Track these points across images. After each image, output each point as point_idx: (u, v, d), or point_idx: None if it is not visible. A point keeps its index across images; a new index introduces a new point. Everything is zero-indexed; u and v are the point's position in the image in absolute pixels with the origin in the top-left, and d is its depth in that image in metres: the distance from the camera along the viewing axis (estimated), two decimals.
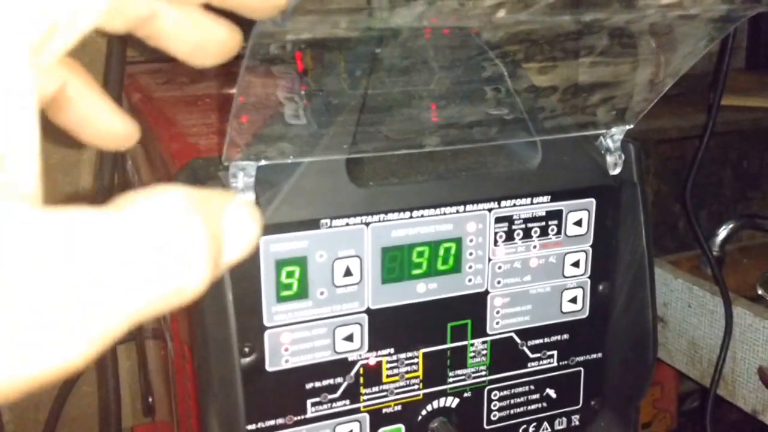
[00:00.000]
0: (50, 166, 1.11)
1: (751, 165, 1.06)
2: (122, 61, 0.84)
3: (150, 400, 1.03)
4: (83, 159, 1.12)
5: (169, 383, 0.75)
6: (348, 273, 0.51)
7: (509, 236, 0.54)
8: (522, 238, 0.55)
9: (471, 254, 0.54)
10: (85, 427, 1.17)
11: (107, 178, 0.84)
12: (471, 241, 0.53)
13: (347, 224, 0.50)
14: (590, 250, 0.57)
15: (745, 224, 0.97)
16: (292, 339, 0.51)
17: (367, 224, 0.50)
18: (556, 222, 0.55)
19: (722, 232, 0.98)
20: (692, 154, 0.97)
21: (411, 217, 0.51)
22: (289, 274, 0.50)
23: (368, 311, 0.52)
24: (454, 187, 0.51)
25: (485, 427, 0.57)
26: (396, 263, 0.52)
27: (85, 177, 1.13)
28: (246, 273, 0.48)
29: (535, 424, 0.59)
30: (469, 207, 0.52)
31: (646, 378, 0.57)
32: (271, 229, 0.48)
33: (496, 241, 0.54)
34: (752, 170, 1.07)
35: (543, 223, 0.55)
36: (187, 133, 0.66)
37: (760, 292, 1.03)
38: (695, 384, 1.35)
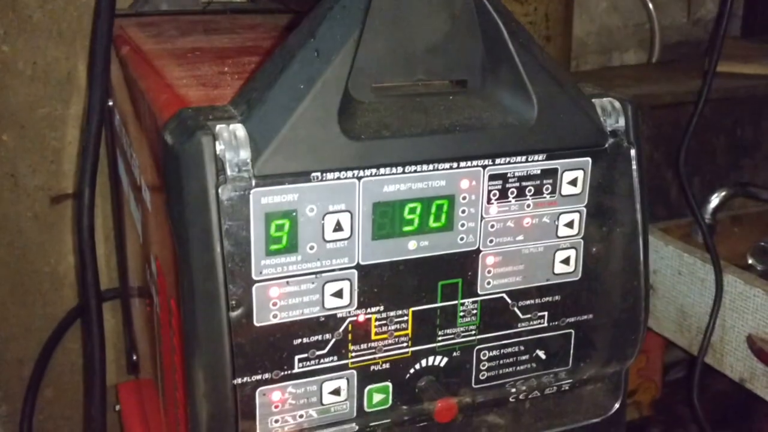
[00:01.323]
0: (36, 122, 1.09)
1: (744, 133, 1.06)
2: (111, 14, 0.82)
3: (134, 357, 1.03)
4: (70, 113, 1.11)
5: (155, 339, 0.74)
6: (338, 228, 0.50)
7: (503, 194, 0.53)
8: (516, 197, 0.54)
9: (464, 212, 0.53)
10: (70, 384, 1.17)
11: (94, 133, 0.82)
12: (464, 198, 0.52)
13: (338, 178, 0.49)
14: (584, 210, 0.56)
15: (737, 192, 0.97)
16: (280, 293, 0.50)
17: (359, 178, 0.49)
18: (550, 181, 0.54)
19: (714, 200, 0.98)
20: (686, 120, 0.96)
21: (403, 172, 0.50)
22: (279, 228, 0.49)
23: (358, 267, 0.51)
24: (448, 142, 0.50)
25: (473, 386, 0.57)
26: (387, 219, 0.51)
27: (72, 132, 1.12)
28: (235, 225, 0.47)
29: (523, 385, 0.58)
30: (462, 163, 0.51)
31: (637, 341, 0.57)
32: (261, 181, 0.47)
33: (489, 199, 0.53)
34: (746, 138, 1.07)
35: (537, 182, 0.54)
36: (176, 85, 0.65)
37: (750, 261, 1.03)
38: (681, 354, 1.36)
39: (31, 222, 1.13)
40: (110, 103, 0.93)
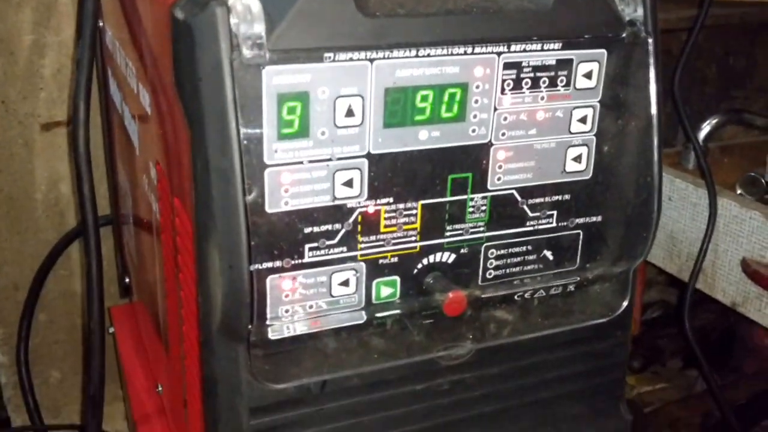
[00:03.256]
0: (25, 48, 1.06)
1: (736, 62, 1.04)
2: None
3: (126, 281, 1.01)
4: (58, 41, 1.07)
5: (150, 256, 0.72)
6: (350, 113, 0.48)
7: (517, 84, 0.51)
8: (530, 88, 0.51)
9: (476, 102, 0.50)
10: (63, 309, 1.16)
11: (89, 44, 0.79)
12: (477, 87, 0.50)
13: (351, 59, 0.46)
14: (598, 106, 0.54)
15: (731, 119, 0.95)
16: (292, 180, 0.47)
17: (372, 60, 0.47)
18: (565, 72, 0.52)
19: (706, 127, 0.96)
20: (678, 48, 0.94)
21: (417, 56, 0.48)
22: (291, 110, 0.46)
23: (369, 156, 0.49)
24: (463, 24, 0.48)
25: (480, 283, 0.55)
26: (399, 106, 0.49)
27: (61, 60, 1.08)
28: (248, 105, 0.45)
29: (530, 284, 0.57)
30: (477, 49, 0.49)
31: (648, 238, 0.55)
32: (274, 56, 0.44)
33: (503, 89, 0.51)
34: (738, 67, 1.04)
35: (552, 73, 0.52)
36: None
37: (739, 191, 1.01)
38: (656, 295, 1.36)
39: (22, 149, 1.10)
40: (101, 24, 0.90)
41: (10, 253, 1.12)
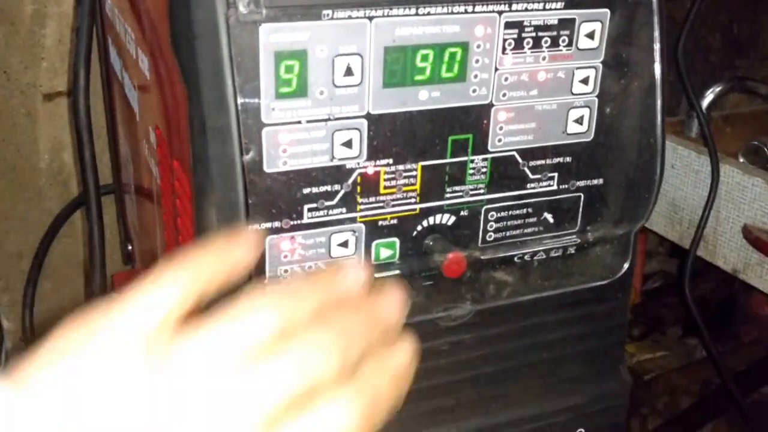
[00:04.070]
0: (26, 18, 1.05)
1: (741, 30, 1.02)
2: None
3: (129, 248, 1.00)
4: (60, 12, 1.06)
5: (154, 216, 0.71)
6: (349, 72, 0.47)
7: (518, 44, 0.50)
8: (531, 48, 0.50)
9: (477, 62, 0.49)
10: (67, 277, 1.16)
11: (88, 11, 0.77)
12: (478, 47, 0.49)
13: (350, 17, 0.45)
14: (601, 66, 0.53)
15: (734, 87, 0.93)
16: (290, 140, 0.47)
17: (371, 18, 0.46)
18: (567, 32, 0.51)
19: (710, 95, 0.94)
20: (682, 16, 0.92)
21: (416, 14, 0.47)
22: (288, 69, 0.45)
23: (368, 116, 0.48)
24: None
25: (479, 245, 0.54)
26: (399, 66, 0.48)
27: (63, 30, 1.07)
28: (244, 63, 0.44)
29: (530, 247, 0.56)
30: (478, 7, 0.48)
31: (650, 200, 0.54)
32: (271, 14, 0.43)
33: (504, 49, 0.50)
34: (742, 36, 1.03)
35: (554, 33, 0.50)
36: None
37: (741, 160, 1.00)
38: (656, 266, 1.35)
39: (25, 119, 1.09)
40: None
41: (15, 221, 1.12)
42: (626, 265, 0.57)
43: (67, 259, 1.15)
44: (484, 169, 0.53)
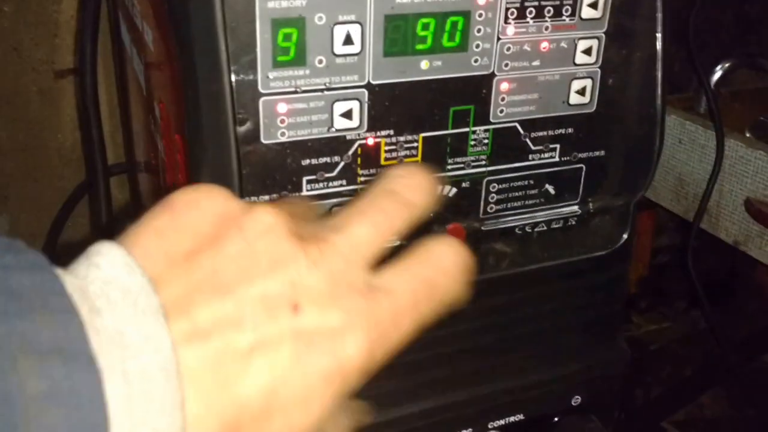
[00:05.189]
0: None
1: (752, 8, 0.99)
2: None
3: None
4: None
5: (162, 193, 0.70)
6: (348, 41, 0.45)
7: (521, 14, 0.48)
8: (534, 18, 0.49)
9: (479, 31, 0.48)
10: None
11: None
12: (480, 16, 0.47)
13: None
14: (603, 37, 0.51)
15: (743, 63, 0.91)
16: (288, 110, 0.45)
17: None
18: (570, 2, 0.49)
19: (718, 71, 0.92)
20: None
21: None
22: (286, 37, 0.44)
23: (368, 86, 0.47)
24: None
25: (480, 217, 0.53)
26: (399, 34, 0.46)
27: (74, 5, 1.05)
28: (240, 29, 0.42)
29: (531, 218, 0.55)
30: None
31: (649, 171, 0.53)
32: None
33: (506, 18, 0.48)
34: (753, 13, 1.00)
35: (557, 2, 0.49)
36: None
37: (748, 135, 0.98)
38: (666, 241, 1.34)
39: (37, 97, 1.07)
40: None
41: (27, 202, 1.09)
42: (625, 236, 0.55)
43: (80, 241, 1.13)
44: (485, 141, 0.51)
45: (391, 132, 0.49)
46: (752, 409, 1.02)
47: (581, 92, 0.52)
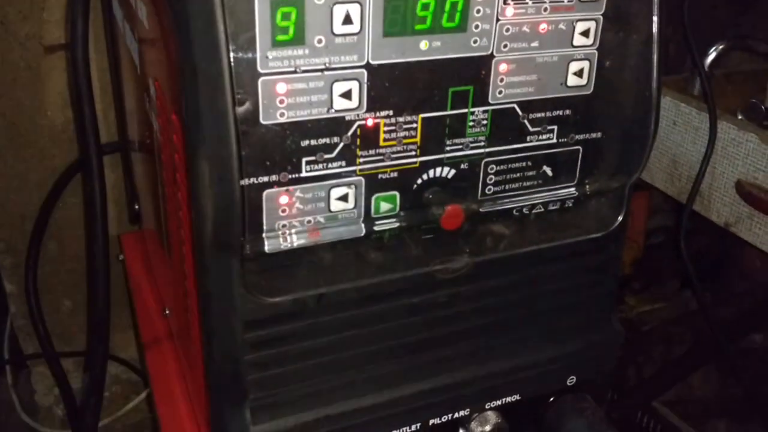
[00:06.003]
0: None
1: None
2: None
3: (136, 207, 0.98)
4: None
5: (157, 173, 0.70)
6: (348, 20, 0.45)
7: None
8: None
9: (479, 12, 0.48)
10: (72, 238, 1.12)
11: None
12: None
13: None
14: (601, 19, 0.51)
15: (736, 45, 0.91)
16: (287, 90, 0.45)
17: None
18: None
19: (712, 53, 0.92)
20: None
21: None
22: (285, 16, 0.43)
23: (367, 66, 0.47)
24: None
25: (479, 198, 0.53)
26: (399, 14, 0.46)
27: None
28: (238, 8, 0.42)
29: (528, 199, 0.55)
30: None
31: (644, 153, 0.53)
32: None
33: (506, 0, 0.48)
34: None
35: None
36: None
37: (740, 117, 0.99)
38: (660, 221, 1.34)
39: (25, 72, 1.05)
40: None
41: (16, 181, 1.07)
42: (620, 218, 0.56)
43: (72, 220, 1.11)
44: (484, 122, 0.51)
45: (391, 112, 0.48)
46: (740, 388, 1.04)
47: (579, 74, 0.52)
